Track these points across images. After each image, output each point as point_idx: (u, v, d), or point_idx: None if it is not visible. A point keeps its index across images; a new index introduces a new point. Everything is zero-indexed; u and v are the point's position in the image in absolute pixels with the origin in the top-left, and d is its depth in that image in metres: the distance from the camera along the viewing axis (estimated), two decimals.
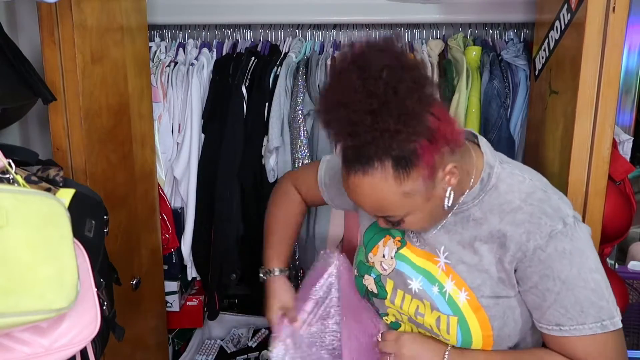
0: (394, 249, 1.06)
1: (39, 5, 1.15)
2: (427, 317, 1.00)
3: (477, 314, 0.95)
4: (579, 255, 0.90)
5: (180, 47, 1.90)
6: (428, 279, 1.00)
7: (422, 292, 1.01)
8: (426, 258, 1.01)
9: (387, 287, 1.06)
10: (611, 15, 1.18)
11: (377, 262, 1.08)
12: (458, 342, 0.98)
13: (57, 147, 1.23)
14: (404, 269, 1.04)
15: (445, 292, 0.97)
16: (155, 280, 1.72)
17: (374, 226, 1.09)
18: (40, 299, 0.78)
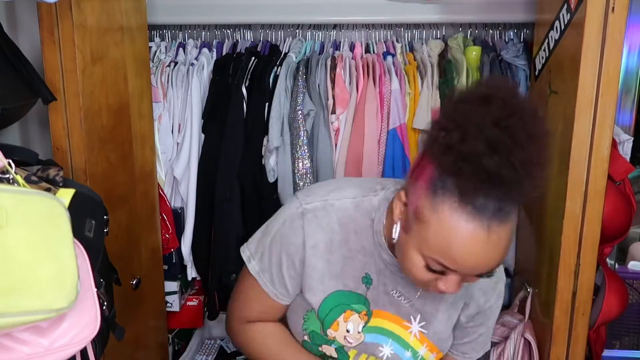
0: (361, 324, 1.00)
1: (39, 5, 1.15)
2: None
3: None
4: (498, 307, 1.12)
5: (180, 47, 1.90)
6: (400, 344, 1.04)
7: (394, 356, 1.05)
8: (397, 323, 1.03)
9: (350, 354, 1.05)
10: (610, 15, 1.19)
11: (341, 337, 1.01)
12: None
13: (57, 147, 1.23)
14: (373, 340, 1.03)
15: (419, 357, 1.06)
16: (155, 280, 1.72)
17: (330, 300, 0.99)
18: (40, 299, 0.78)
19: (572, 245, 1.32)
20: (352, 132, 1.72)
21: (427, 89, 1.72)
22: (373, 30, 1.94)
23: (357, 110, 1.73)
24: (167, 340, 1.95)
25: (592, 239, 1.31)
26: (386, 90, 1.72)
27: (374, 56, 1.79)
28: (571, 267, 1.33)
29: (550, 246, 1.41)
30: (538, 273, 1.53)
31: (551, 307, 1.38)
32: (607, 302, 1.47)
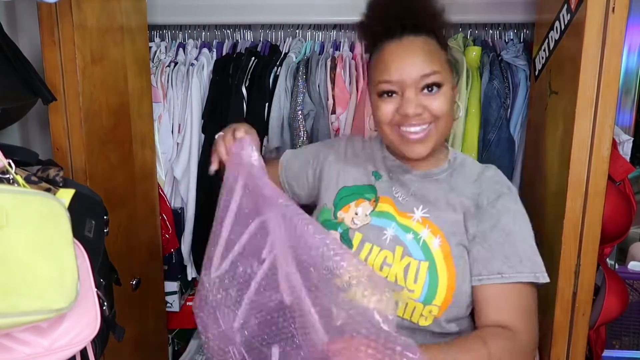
0: (370, 209, 1.11)
1: (39, 5, 1.15)
2: (396, 265, 1.03)
3: (446, 260, 1.02)
4: (521, 216, 1.07)
5: (180, 47, 1.90)
6: (402, 228, 1.08)
7: (395, 238, 1.07)
8: (401, 215, 1.10)
9: (353, 240, 1.08)
10: (611, 15, 1.18)
11: (348, 218, 1.11)
12: (422, 293, 1.00)
13: (57, 147, 1.23)
14: (378, 223, 1.09)
15: (420, 239, 1.05)
16: (155, 281, 1.73)
17: (344, 190, 1.16)
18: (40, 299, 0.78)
19: (572, 245, 1.32)
20: (352, 132, 1.73)
21: None
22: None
23: (357, 110, 1.73)
24: (167, 341, 1.95)
25: (592, 239, 1.31)
26: None
27: None
28: (571, 267, 1.33)
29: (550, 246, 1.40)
30: None
31: (551, 307, 1.38)
32: (607, 302, 1.47)
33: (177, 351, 2.10)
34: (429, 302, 1.00)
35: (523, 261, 1.00)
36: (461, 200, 1.09)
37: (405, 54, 1.03)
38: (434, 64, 1.03)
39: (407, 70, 1.02)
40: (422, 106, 1.03)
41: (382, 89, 1.05)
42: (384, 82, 1.04)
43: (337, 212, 1.13)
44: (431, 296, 1.00)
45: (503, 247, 1.02)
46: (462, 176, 1.13)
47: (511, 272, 0.99)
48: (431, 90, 1.03)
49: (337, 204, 1.14)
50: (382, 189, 1.14)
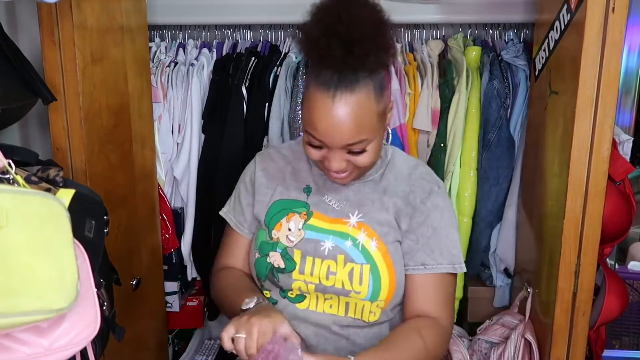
0: (301, 222, 1.12)
1: (39, 5, 1.15)
2: (340, 273, 1.07)
3: (385, 258, 1.08)
4: (448, 213, 1.12)
5: (180, 48, 1.90)
6: (340, 237, 1.09)
7: (335, 248, 1.08)
8: (336, 222, 1.11)
9: (295, 257, 1.09)
10: (611, 15, 1.19)
11: (283, 236, 1.11)
12: (369, 291, 1.06)
13: (57, 147, 1.23)
14: (313, 236, 1.10)
15: (359, 244, 1.08)
16: (155, 281, 1.73)
17: (274, 206, 1.15)
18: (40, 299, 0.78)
19: (572, 245, 1.32)
20: None
21: (427, 89, 1.72)
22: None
23: None
24: (167, 341, 1.95)
25: (592, 239, 1.31)
26: None
27: None
28: (571, 267, 1.33)
29: (550, 246, 1.41)
30: (538, 273, 1.53)
31: (551, 307, 1.38)
32: (607, 302, 1.47)
33: (177, 351, 2.10)
34: (375, 299, 1.07)
35: (444, 254, 1.09)
36: (394, 201, 1.11)
37: (333, 122, 0.96)
38: (363, 130, 0.97)
39: (335, 136, 0.97)
40: (347, 161, 1.02)
41: (310, 140, 1.01)
42: (311, 135, 1.00)
43: (272, 231, 1.12)
44: (376, 294, 1.07)
45: (429, 241, 1.09)
46: (393, 174, 1.14)
47: (433, 263, 1.09)
48: (357, 152, 1.01)
49: (269, 223, 1.14)
50: (314, 202, 1.13)
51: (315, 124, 0.97)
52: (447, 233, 1.11)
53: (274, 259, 1.11)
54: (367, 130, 0.98)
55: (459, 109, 1.70)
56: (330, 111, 0.95)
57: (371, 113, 0.98)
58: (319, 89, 0.96)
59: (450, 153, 1.73)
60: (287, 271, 1.10)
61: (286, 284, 1.11)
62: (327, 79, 0.95)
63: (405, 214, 1.10)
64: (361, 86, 0.95)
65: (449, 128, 1.73)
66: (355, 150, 1.00)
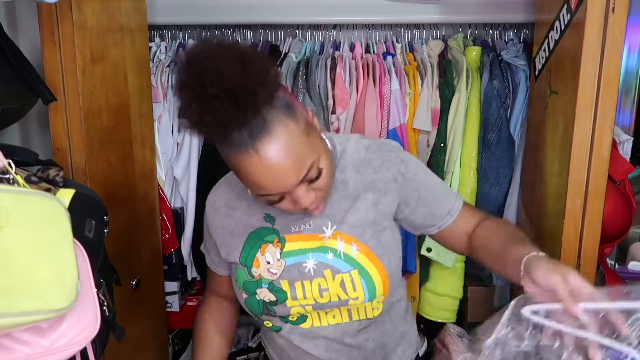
0: (277, 251, 1.07)
1: (39, 5, 1.15)
2: (332, 287, 1.05)
3: (369, 257, 1.05)
4: (422, 166, 1.11)
5: (180, 47, 1.90)
6: (320, 251, 1.06)
7: (319, 264, 1.05)
8: (312, 239, 1.07)
9: (283, 287, 1.06)
10: (611, 15, 1.19)
11: (264, 271, 1.07)
12: (365, 294, 1.05)
13: (57, 147, 1.23)
14: (294, 261, 1.07)
15: (340, 253, 1.05)
16: (155, 281, 1.73)
17: (246, 245, 1.09)
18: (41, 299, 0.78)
19: (572, 245, 1.32)
20: (352, 132, 1.73)
21: (427, 89, 1.72)
22: (373, 30, 1.94)
23: (357, 111, 1.73)
24: (167, 341, 1.95)
25: (592, 239, 1.31)
26: (386, 91, 1.72)
27: (374, 56, 1.79)
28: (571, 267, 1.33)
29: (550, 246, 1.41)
30: None
31: None
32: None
33: (177, 351, 2.10)
34: (373, 298, 1.06)
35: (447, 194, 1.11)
36: (366, 196, 1.05)
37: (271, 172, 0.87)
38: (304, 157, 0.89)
39: (285, 181, 0.88)
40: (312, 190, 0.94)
41: (267, 199, 0.93)
42: (265, 196, 0.92)
43: (251, 270, 1.08)
44: (372, 293, 1.06)
45: (433, 196, 1.09)
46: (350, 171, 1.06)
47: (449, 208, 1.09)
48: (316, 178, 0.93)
49: (245, 261, 1.09)
50: (282, 228, 1.07)
51: (261, 184, 0.88)
52: (435, 179, 1.12)
53: (263, 295, 1.07)
54: (308, 154, 0.90)
55: (459, 109, 1.71)
56: (264, 164, 0.86)
57: (298, 137, 0.88)
58: (238, 153, 0.86)
59: (450, 153, 1.73)
60: (280, 302, 1.07)
61: (284, 312, 1.08)
62: (238, 140, 0.85)
63: (393, 192, 1.06)
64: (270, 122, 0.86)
65: (449, 128, 1.73)
66: (312, 177, 0.92)
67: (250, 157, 0.85)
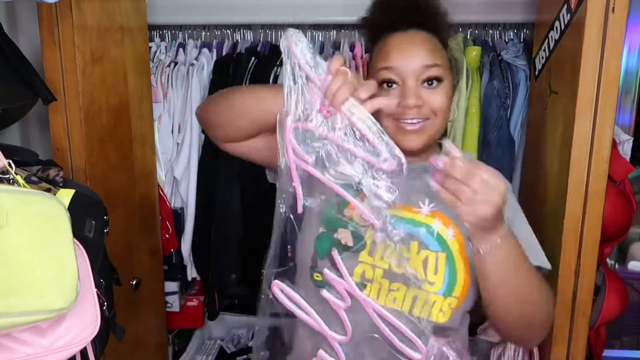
0: None
1: (39, 5, 1.15)
2: (413, 260, 1.00)
3: (461, 251, 1.01)
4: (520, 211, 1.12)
5: (180, 48, 1.90)
6: (412, 224, 1.02)
7: (408, 235, 0.99)
8: (407, 210, 1.03)
9: (366, 237, 1.00)
10: (611, 15, 1.18)
11: (357, 215, 1.01)
12: (444, 283, 1.00)
13: (57, 147, 1.23)
14: None
15: (433, 231, 1.02)
16: (155, 281, 1.72)
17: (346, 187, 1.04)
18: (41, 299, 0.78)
19: (572, 245, 1.32)
20: None
21: None
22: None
23: None
24: (167, 341, 1.95)
25: (592, 239, 1.31)
26: None
27: None
28: (571, 267, 1.33)
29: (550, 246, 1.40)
30: None
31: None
32: (608, 302, 1.47)
33: (177, 351, 2.10)
34: (449, 293, 1.00)
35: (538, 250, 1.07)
36: None
37: (408, 43, 1.03)
38: (436, 57, 1.03)
39: (409, 58, 1.01)
40: (422, 99, 1.01)
41: (383, 76, 1.03)
42: (385, 69, 1.02)
43: (344, 209, 1.02)
44: (451, 287, 1.00)
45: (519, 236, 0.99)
46: None
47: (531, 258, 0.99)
48: (431, 84, 1.02)
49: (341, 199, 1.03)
50: None
51: (391, 53, 1.02)
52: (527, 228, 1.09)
53: (343, 235, 1.01)
54: (440, 59, 1.03)
55: (459, 109, 1.70)
56: (403, 38, 1.03)
57: (441, 51, 1.04)
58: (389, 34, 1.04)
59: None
60: (355, 251, 1.00)
61: (349, 265, 1.00)
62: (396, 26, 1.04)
63: None
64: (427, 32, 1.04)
65: (449, 128, 1.73)
66: (431, 75, 1.01)
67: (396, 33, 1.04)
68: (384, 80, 1.03)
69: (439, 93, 1.02)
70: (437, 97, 1.02)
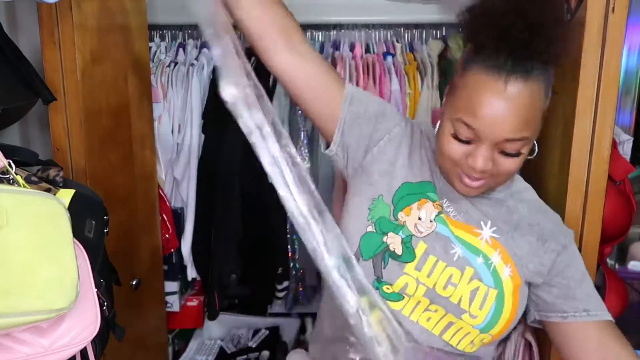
0: (434, 213, 0.97)
1: (39, 5, 1.15)
2: (462, 287, 0.94)
3: (513, 293, 0.97)
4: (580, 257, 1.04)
5: (180, 48, 1.90)
6: (470, 249, 0.96)
7: (464, 260, 0.95)
8: (466, 230, 0.97)
9: (416, 250, 0.95)
10: (611, 15, 1.18)
11: (411, 223, 0.96)
12: (486, 320, 0.95)
13: (57, 147, 1.23)
14: (446, 233, 0.96)
15: (491, 264, 0.95)
16: (155, 281, 1.72)
17: (406, 186, 0.99)
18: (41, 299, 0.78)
19: None
20: None
21: (427, 89, 1.72)
22: (373, 30, 1.94)
23: None
24: (167, 341, 1.95)
25: (592, 239, 1.31)
26: (386, 91, 1.72)
27: (374, 56, 1.79)
28: None
29: None
30: None
31: None
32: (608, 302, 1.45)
33: (177, 351, 2.10)
34: (486, 331, 0.96)
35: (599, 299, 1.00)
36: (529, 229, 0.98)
37: (501, 109, 0.84)
38: (529, 125, 0.86)
39: (496, 127, 0.85)
40: (493, 161, 0.89)
41: (458, 129, 0.89)
42: (465, 125, 0.87)
43: (398, 213, 0.97)
44: (492, 326, 0.95)
45: (583, 285, 0.99)
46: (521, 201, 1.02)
47: (596, 308, 0.98)
48: (510, 155, 0.89)
49: (397, 203, 0.98)
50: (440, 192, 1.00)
51: (476, 111, 0.85)
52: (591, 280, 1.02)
53: (393, 241, 0.95)
54: (532, 128, 0.87)
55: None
56: (501, 96, 0.83)
57: (539, 108, 0.87)
58: (487, 72, 0.84)
59: None
60: (403, 261, 0.94)
61: (392, 275, 0.94)
62: (501, 63, 0.83)
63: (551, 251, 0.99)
64: (535, 76, 0.84)
65: None
66: (509, 150, 0.87)
67: (496, 82, 0.84)
68: (457, 133, 0.89)
69: (516, 162, 0.90)
70: (512, 165, 0.90)
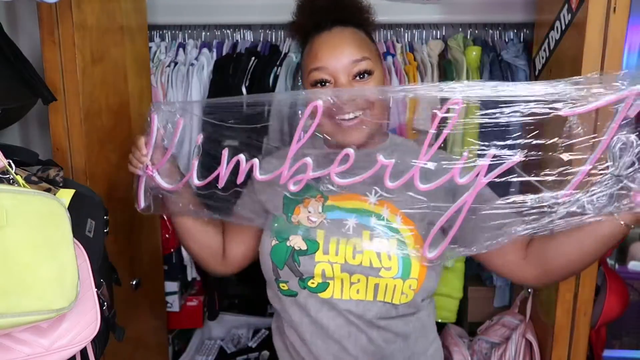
0: (319, 205, 1.09)
1: (39, 5, 1.15)
2: (366, 251, 1.03)
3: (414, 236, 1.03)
4: None
5: (180, 48, 1.90)
6: (362, 214, 1.05)
7: (359, 225, 1.05)
8: (355, 199, 1.07)
9: (318, 239, 1.06)
10: (612, 15, 1.19)
11: (304, 218, 1.09)
12: (399, 268, 1.02)
13: (57, 147, 1.23)
14: (335, 216, 1.07)
15: (383, 218, 1.04)
16: (155, 281, 1.72)
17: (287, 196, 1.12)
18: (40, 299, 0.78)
19: None
20: None
21: None
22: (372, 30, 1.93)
23: None
24: (167, 341, 1.95)
25: None
26: None
27: None
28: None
29: None
30: None
31: (552, 307, 1.38)
32: (608, 302, 1.47)
33: (177, 351, 2.10)
34: (406, 276, 1.03)
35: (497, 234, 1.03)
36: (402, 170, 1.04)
37: (335, 41, 1.05)
38: (364, 50, 1.05)
39: (337, 56, 1.03)
40: None
41: (314, 77, 1.05)
42: (316, 70, 1.04)
43: (291, 217, 1.10)
44: (407, 270, 1.02)
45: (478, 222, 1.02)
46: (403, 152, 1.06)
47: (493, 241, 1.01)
48: (363, 77, 1.04)
49: (286, 210, 1.11)
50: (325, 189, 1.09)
51: (319, 54, 1.04)
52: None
53: (295, 241, 1.07)
54: (367, 51, 1.05)
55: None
56: (329, 36, 1.06)
57: (367, 43, 1.07)
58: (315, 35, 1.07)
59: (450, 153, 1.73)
60: (310, 253, 1.05)
61: (308, 268, 1.05)
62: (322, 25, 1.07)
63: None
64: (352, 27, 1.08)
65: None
66: (361, 69, 1.03)
67: (322, 33, 1.07)
68: (316, 81, 1.05)
69: (372, 84, 1.05)
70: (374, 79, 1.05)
